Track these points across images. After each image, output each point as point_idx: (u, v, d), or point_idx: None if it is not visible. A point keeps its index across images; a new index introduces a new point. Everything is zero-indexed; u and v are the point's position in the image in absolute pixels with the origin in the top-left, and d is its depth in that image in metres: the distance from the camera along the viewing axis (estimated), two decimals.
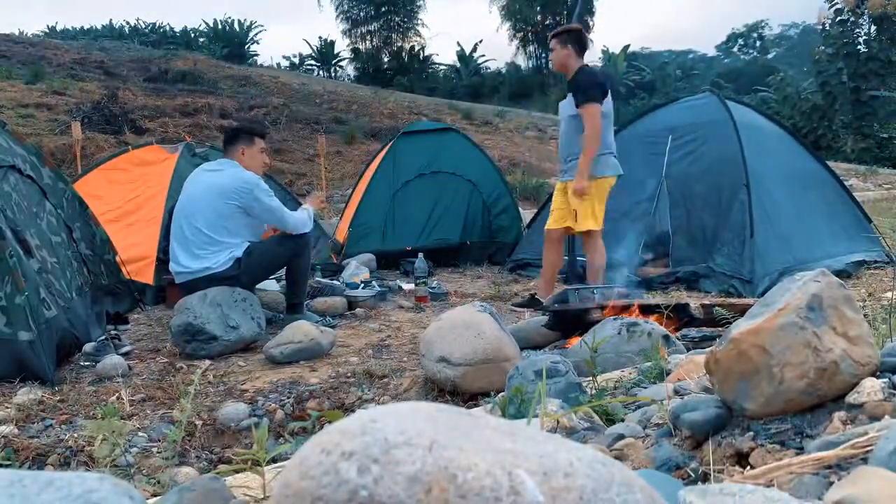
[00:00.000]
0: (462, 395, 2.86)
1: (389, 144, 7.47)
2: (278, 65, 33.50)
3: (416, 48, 32.64)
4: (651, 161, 6.01)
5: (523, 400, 1.65)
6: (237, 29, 32.55)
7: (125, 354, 3.70)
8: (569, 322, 3.55)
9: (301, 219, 4.23)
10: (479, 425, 0.71)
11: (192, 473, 2.24)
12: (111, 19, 42.70)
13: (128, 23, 31.72)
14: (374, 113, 17.50)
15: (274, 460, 1.49)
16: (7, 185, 3.64)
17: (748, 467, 1.14)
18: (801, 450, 1.12)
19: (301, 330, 3.66)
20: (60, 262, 3.93)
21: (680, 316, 3.32)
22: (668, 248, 5.73)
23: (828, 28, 18.68)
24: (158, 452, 2.44)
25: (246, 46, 32.38)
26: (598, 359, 2.27)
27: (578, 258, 5.18)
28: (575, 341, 3.23)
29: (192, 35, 31.70)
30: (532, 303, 4.08)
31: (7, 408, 2.82)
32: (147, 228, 5.38)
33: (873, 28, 18.42)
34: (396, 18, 31.84)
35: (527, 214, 7.61)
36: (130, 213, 5.58)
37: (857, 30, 18.52)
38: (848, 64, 17.98)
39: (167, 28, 31.43)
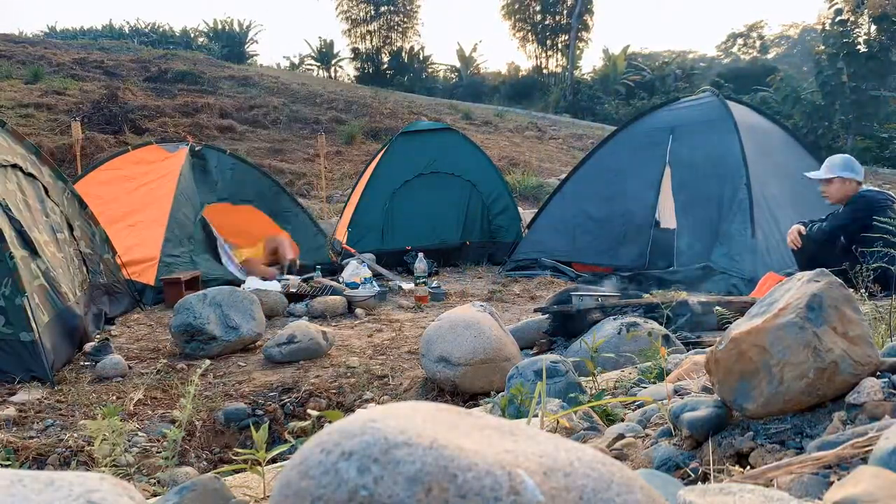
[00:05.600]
0: (462, 395, 2.86)
1: (389, 144, 7.48)
2: (278, 65, 33.50)
3: (416, 48, 32.63)
4: (652, 161, 6.00)
5: (523, 400, 1.65)
6: (237, 29, 32.54)
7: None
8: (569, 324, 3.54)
9: None
10: (479, 425, 0.71)
11: (192, 473, 2.24)
12: (111, 19, 42.74)
13: (128, 23, 31.67)
14: (374, 113, 17.48)
15: (274, 460, 1.49)
16: (11, 183, 3.64)
17: (748, 467, 1.14)
18: (800, 450, 1.12)
19: (301, 330, 3.66)
20: (66, 258, 3.94)
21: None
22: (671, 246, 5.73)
23: (828, 28, 18.65)
24: (158, 452, 2.44)
25: (246, 46, 32.36)
26: (598, 359, 2.27)
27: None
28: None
29: (192, 35, 31.67)
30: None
31: (7, 408, 2.82)
32: (150, 230, 5.35)
33: (873, 28, 18.39)
34: (396, 18, 31.83)
35: (526, 214, 7.61)
36: (131, 214, 5.56)
37: (857, 30, 18.49)
38: (848, 64, 17.95)
39: (167, 28, 31.39)
